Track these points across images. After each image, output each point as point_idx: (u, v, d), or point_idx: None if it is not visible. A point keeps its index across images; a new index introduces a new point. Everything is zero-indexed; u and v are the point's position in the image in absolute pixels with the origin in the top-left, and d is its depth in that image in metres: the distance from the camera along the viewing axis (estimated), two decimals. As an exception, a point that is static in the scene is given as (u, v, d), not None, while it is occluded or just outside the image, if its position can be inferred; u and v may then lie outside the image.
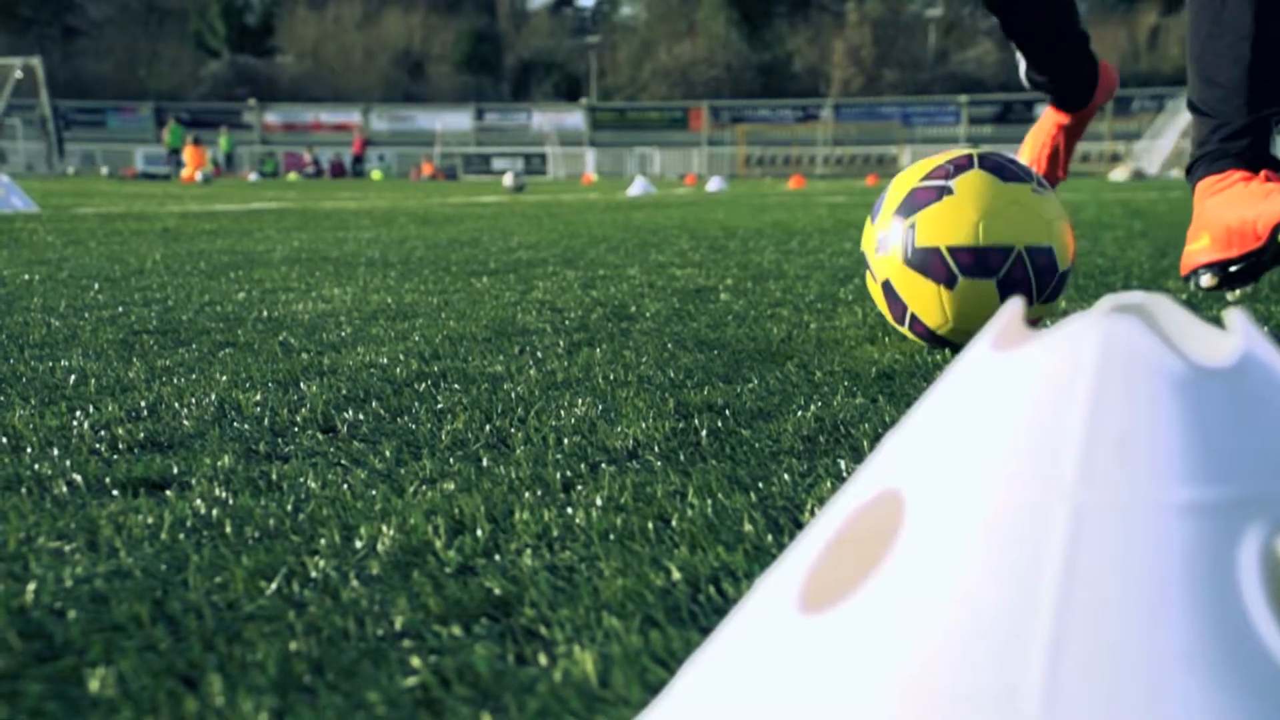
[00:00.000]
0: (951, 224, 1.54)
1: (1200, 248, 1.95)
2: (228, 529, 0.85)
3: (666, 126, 46.79)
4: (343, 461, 1.05)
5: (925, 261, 1.55)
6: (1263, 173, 1.84)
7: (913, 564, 0.32)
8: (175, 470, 1.01)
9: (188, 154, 25.04)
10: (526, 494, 0.94)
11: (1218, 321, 0.37)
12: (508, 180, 15.81)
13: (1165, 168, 27.82)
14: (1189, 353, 0.33)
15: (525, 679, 0.60)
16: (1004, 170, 1.58)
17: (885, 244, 1.60)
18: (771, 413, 1.25)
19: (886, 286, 1.62)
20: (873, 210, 1.68)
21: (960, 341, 1.56)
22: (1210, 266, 1.91)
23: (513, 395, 1.36)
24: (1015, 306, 0.37)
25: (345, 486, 0.96)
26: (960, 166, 1.58)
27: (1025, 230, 1.54)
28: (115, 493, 0.95)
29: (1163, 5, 53.30)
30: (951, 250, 1.53)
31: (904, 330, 1.66)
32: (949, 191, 1.55)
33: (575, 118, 47.13)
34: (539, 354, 1.67)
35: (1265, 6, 1.80)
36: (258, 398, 1.34)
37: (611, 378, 1.47)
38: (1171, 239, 4.35)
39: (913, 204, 1.59)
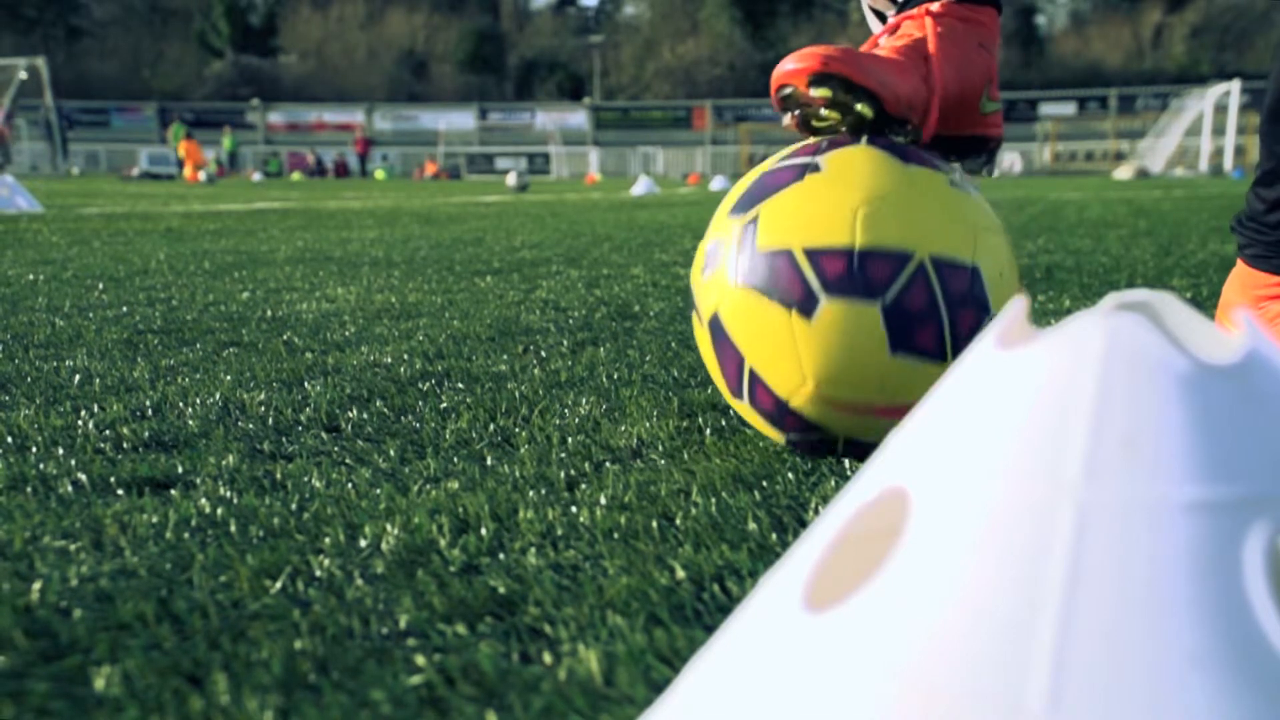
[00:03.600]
0: (812, 213, 0.97)
1: None
2: (232, 528, 0.85)
3: (670, 126, 46.78)
4: (347, 461, 1.05)
5: (769, 274, 0.97)
6: None
7: (917, 562, 0.32)
8: (180, 469, 1.02)
9: (183, 149, 24.75)
10: (531, 493, 0.94)
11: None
12: (511, 180, 15.81)
13: (1169, 166, 27.79)
14: (1194, 351, 0.33)
15: (530, 677, 0.60)
16: (906, 151, 1.03)
17: (713, 259, 1.04)
18: (775, 412, 1.25)
19: (715, 327, 1.04)
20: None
21: (832, 426, 1.00)
22: None
23: (517, 394, 1.36)
24: (1019, 304, 0.37)
25: (350, 485, 0.96)
26: (838, 143, 1.04)
27: (931, 232, 0.96)
28: (120, 492, 0.95)
29: (1166, 4, 53.21)
30: (811, 253, 0.95)
31: (743, 408, 1.06)
32: (815, 169, 1.00)
33: (579, 117, 47.13)
34: (543, 353, 1.67)
35: None
36: (262, 397, 1.34)
37: (615, 377, 1.47)
38: (1175, 237, 4.35)
39: (759, 191, 1.03)
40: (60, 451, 1.08)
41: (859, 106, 1.04)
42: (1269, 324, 1.54)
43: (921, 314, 0.94)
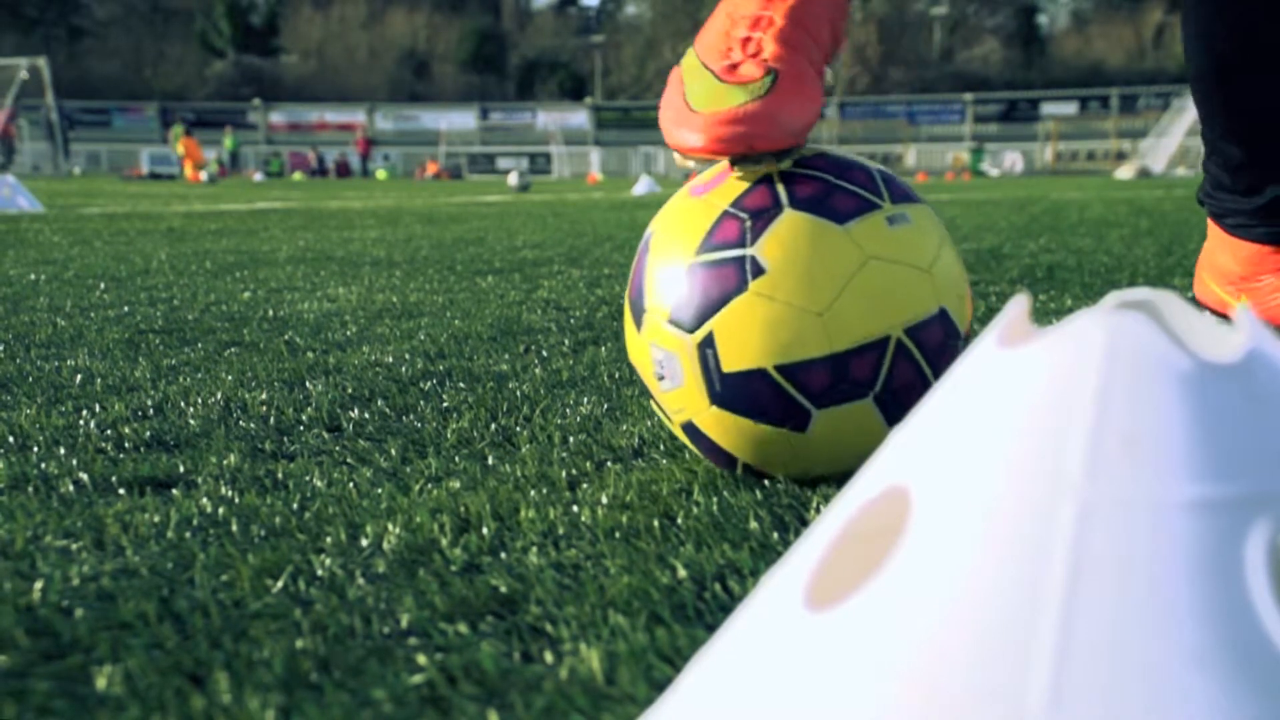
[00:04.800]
0: (774, 326, 0.89)
1: None
2: (234, 527, 0.85)
3: (671, 125, 46.69)
4: (348, 460, 1.05)
5: (750, 397, 0.91)
6: None
7: (918, 561, 0.32)
8: (181, 469, 1.02)
9: (182, 147, 24.50)
10: (532, 492, 0.94)
11: (1224, 318, 0.37)
12: (512, 179, 15.82)
13: (1171, 165, 27.77)
14: (1195, 349, 0.33)
15: (531, 676, 0.60)
16: (830, 198, 0.92)
17: (670, 372, 0.94)
18: (777, 411, 1.25)
19: (692, 431, 0.97)
20: (631, 297, 1.00)
21: (844, 470, 0.94)
22: None
23: (518, 394, 1.36)
24: (1020, 304, 0.37)
25: (351, 485, 0.96)
26: (760, 212, 0.92)
27: (898, 303, 0.90)
28: (122, 491, 0.95)
29: (1168, 3, 53.17)
30: (787, 370, 0.89)
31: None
32: (757, 270, 0.89)
33: (580, 117, 47.14)
34: (544, 353, 1.68)
35: None
36: (263, 397, 1.34)
37: (616, 376, 1.47)
38: (1177, 237, 4.34)
39: (700, 298, 0.91)
40: (62, 451, 1.09)
41: (777, 164, 0.95)
42: (1270, 298, 1.54)
43: (909, 383, 0.91)
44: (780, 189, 0.93)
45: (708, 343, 0.91)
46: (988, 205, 8.17)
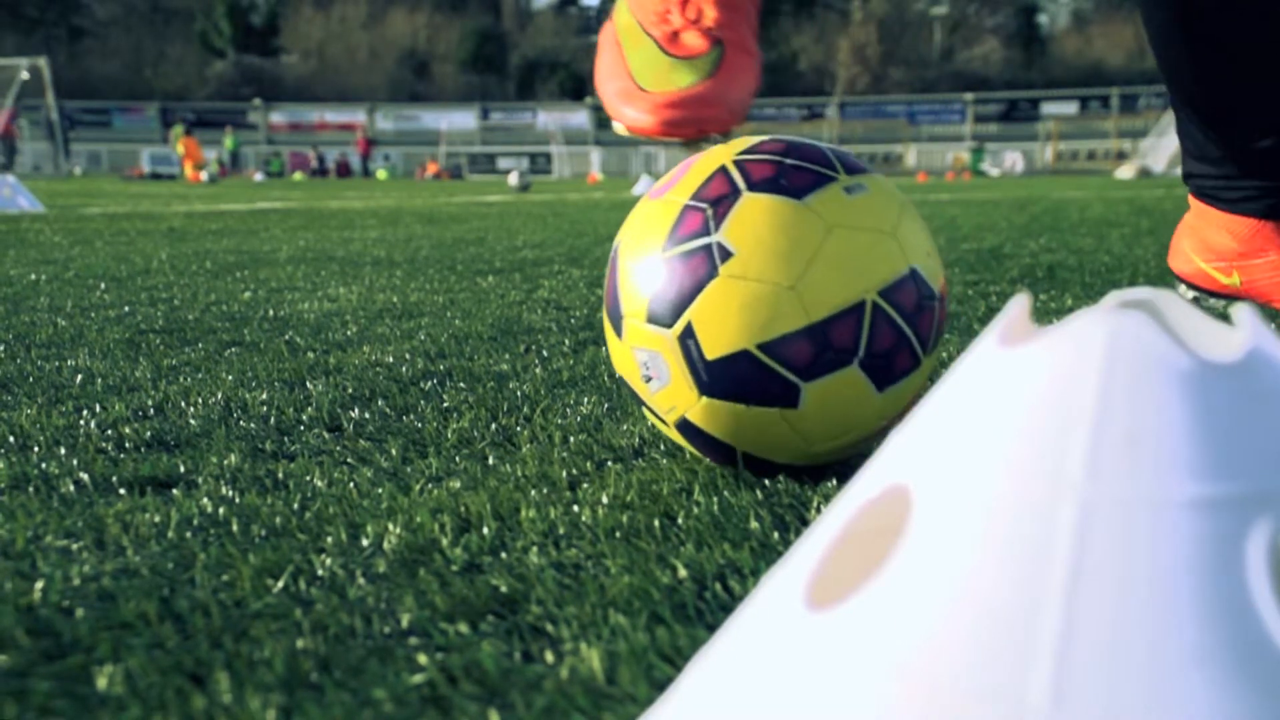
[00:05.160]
0: (751, 307, 0.89)
1: None
2: (234, 527, 0.85)
3: (671, 125, 46.71)
4: (349, 460, 1.05)
5: (737, 381, 0.91)
6: None
7: (919, 560, 0.32)
8: (182, 469, 1.02)
9: (182, 146, 24.35)
10: (533, 492, 0.94)
11: (1225, 318, 0.37)
12: (513, 179, 15.82)
13: (1171, 165, 27.74)
14: (1196, 348, 0.33)
15: (532, 676, 0.60)
16: (785, 177, 0.93)
17: (656, 371, 0.95)
18: (777, 411, 1.25)
19: (687, 429, 0.97)
20: (608, 308, 1.01)
21: (842, 444, 0.96)
22: None
23: (519, 394, 1.36)
24: (1021, 303, 0.37)
25: (352, 485, 0.96)
26: (720, 200, 0.93)
27: (867, 266, 0.91)
28: (122, 491, 0.95)
29: (1169, 2, 53.02)
30: (770, 348, 0.89)
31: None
32: (725, 254, 0.90)
33: (580, 117, 47.13)
34: (545, 352, 1.68)
35: None
36: (264, 397, 1.34)
37: (617, 376, 1.47)
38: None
39: (674, 293, 0.92)
40: (62, 451, 1.09)
41: (722, 140, 0.96)
42: (1273, 274, 1.52)
43: (892, 346, 0.92)
44: (736, 175, 0.94)
45: (688, 334, 0.91)
46: (988, 205, 8.17)
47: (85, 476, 0.99)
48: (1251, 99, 1.37)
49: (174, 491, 0.95)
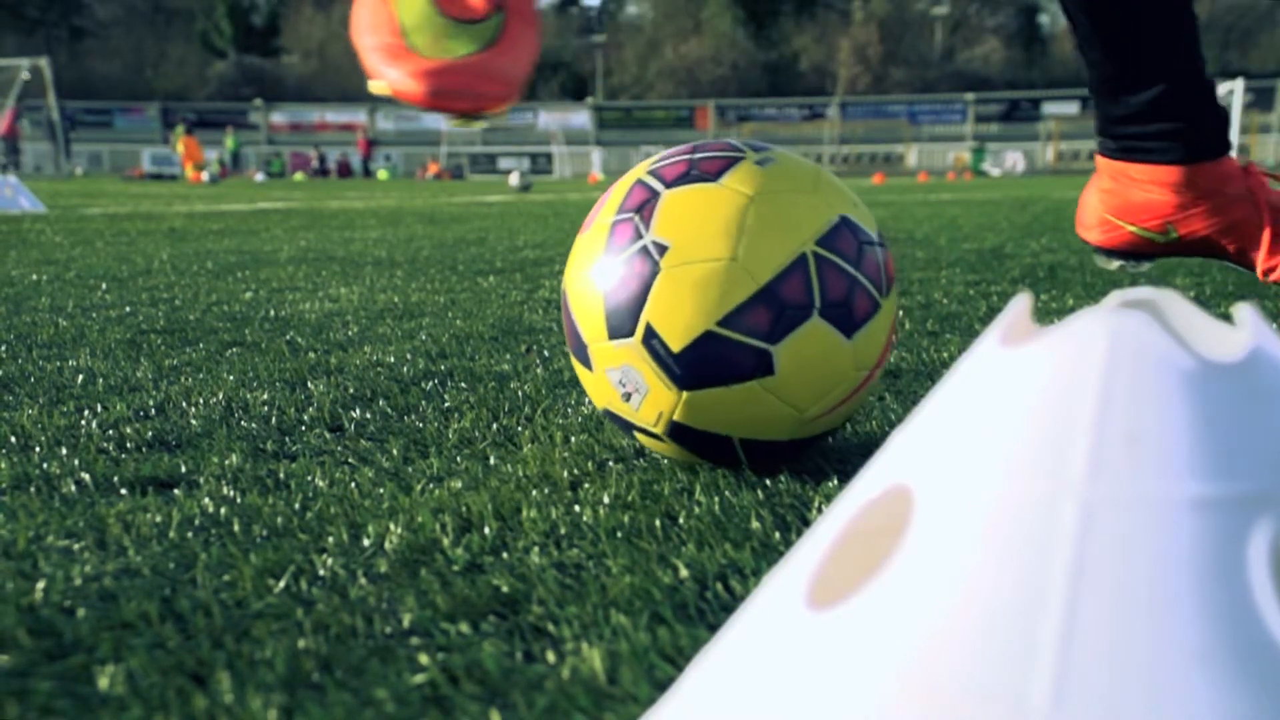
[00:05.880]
0: (701, 289, 0.91)
1: None
2: (236, 527, 0.85)
3: (672, 125, 46.81)
4: (350, 460, 1.05)
5: (709, 364, 0.92)
6: None
7: (921, 560, 0.32)
8: (183, 469, 1.02)
9: (182, 146, 24.22)
10: (534, 492, 0.94)
11: (1226, 317, 0.37)
12: (514, 179, 15.82)
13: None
14: (1198, 348, 0.33)
15: (533, 676, 0.60)
16: (696, 168, 0.97)
17: (634, 384, 0.96)
18: (778, 411, 1.24)
19: (679, 432, 0.97)
20: (573, 350, 1.03)
21: (827, 429, 0.99)
22: None
23: (520, 394, 1.36)
24: (1022, 303, 0.37)
25: (353, 485, 0.96)
26: (642, 205, 0.96)
27: (797, 222, 0.93)
28: (124, 491, 0.95)
29: (1170, 2, 52.99)
30: (728, 322, 0.91)
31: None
32: (661, 249, 0.93)
33: (581, 117, 47.16)
34: (546, 352, 1.67)
35: None
36: (265, 397, 1.34)
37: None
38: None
39: (625, 302, 0.94)
40: (64, 451, 1.09)
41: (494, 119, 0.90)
42: (1212, 220, 1.46)
43: (846, 292, 0.93)
44: (652, 181, 0.98)
45: (649, 334, 0.93)
46: (989, 205, 8.17)
47: (87, 476, 0.99)
48: (1150, 37, 1.35)
49: (175, 491, 0.95)
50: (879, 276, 0.97)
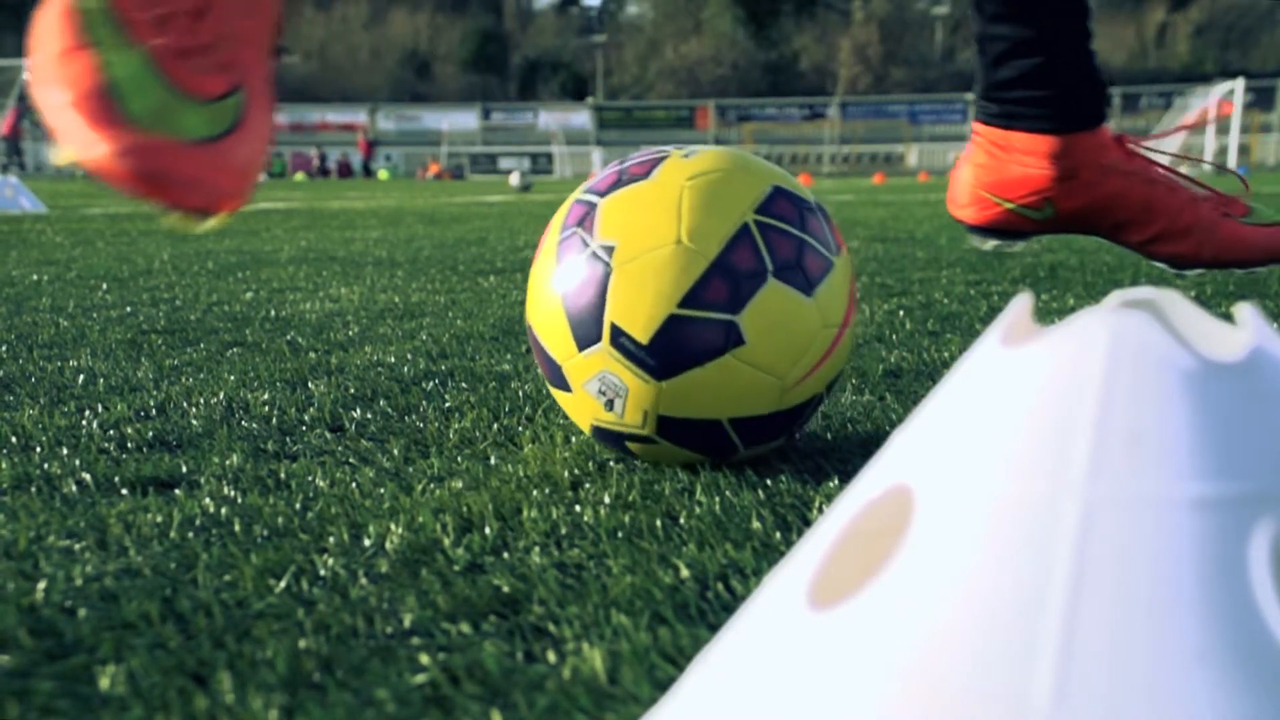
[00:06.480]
0: (654, 276, 0.93)
1: None
2: (236, 527, 0.85)
3: (673, 125, 46.82)
4: (351, 460, 1.06)
5: (680, 348, 0.93)
6: None
7: (922, 560, 0.32)
8: (184, 469, 1.02)
9: None
10: (535, 492, 0.94)
11: (1227, 317, 0.37)
12: (514, 179, 15.82)
13: (1172, 165, 27.62)
14: (1199, 348, 0.33)
15: (534, 676, 0.60)
16: (625, 174, 1.01)
17: (614, 389, 0.97)
18: (779, 411, 1.24)
19: (668, 427, 0.97)
20: (549, 378, 1.04)
21: (819, 392, 1.01)
22: None
23: (520, 394, 1.36)
24: (1023, 303, 0.37)
25: (354, 485, 0.96)
26: (582, 219, 0.99)
27: (732, 196, 0.96)
28: (124, 491, 0.95)
29: (1170, 3, 53.15)
30: (688, 302, 0.92)
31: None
32: (609, 249, 0.95)
33: (582, 117, 47.16)
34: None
35: None
36: (266, 397, 1.34)
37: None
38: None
39: (585, 309, 0.95)
40: (65, 451, 1.09)
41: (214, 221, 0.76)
42: (1097, 186, 1.45)
43: (795, 252, 0.96)
44: (587, 196, 1.01)
45: (616, 334, 0.94)
46: (990, 205, 8.16)
47: (87, 477, 0.99)
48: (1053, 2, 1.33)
49: (176, 492, 0.95)
50: (825, 236, 0.99)
